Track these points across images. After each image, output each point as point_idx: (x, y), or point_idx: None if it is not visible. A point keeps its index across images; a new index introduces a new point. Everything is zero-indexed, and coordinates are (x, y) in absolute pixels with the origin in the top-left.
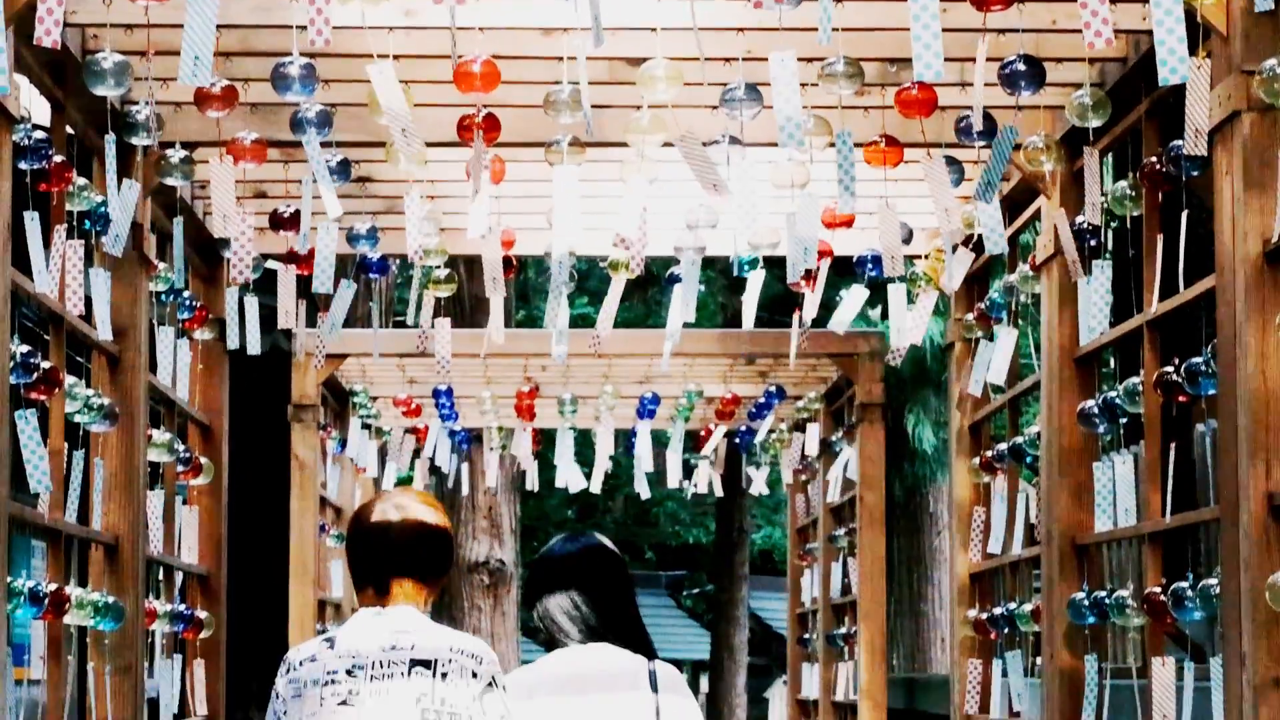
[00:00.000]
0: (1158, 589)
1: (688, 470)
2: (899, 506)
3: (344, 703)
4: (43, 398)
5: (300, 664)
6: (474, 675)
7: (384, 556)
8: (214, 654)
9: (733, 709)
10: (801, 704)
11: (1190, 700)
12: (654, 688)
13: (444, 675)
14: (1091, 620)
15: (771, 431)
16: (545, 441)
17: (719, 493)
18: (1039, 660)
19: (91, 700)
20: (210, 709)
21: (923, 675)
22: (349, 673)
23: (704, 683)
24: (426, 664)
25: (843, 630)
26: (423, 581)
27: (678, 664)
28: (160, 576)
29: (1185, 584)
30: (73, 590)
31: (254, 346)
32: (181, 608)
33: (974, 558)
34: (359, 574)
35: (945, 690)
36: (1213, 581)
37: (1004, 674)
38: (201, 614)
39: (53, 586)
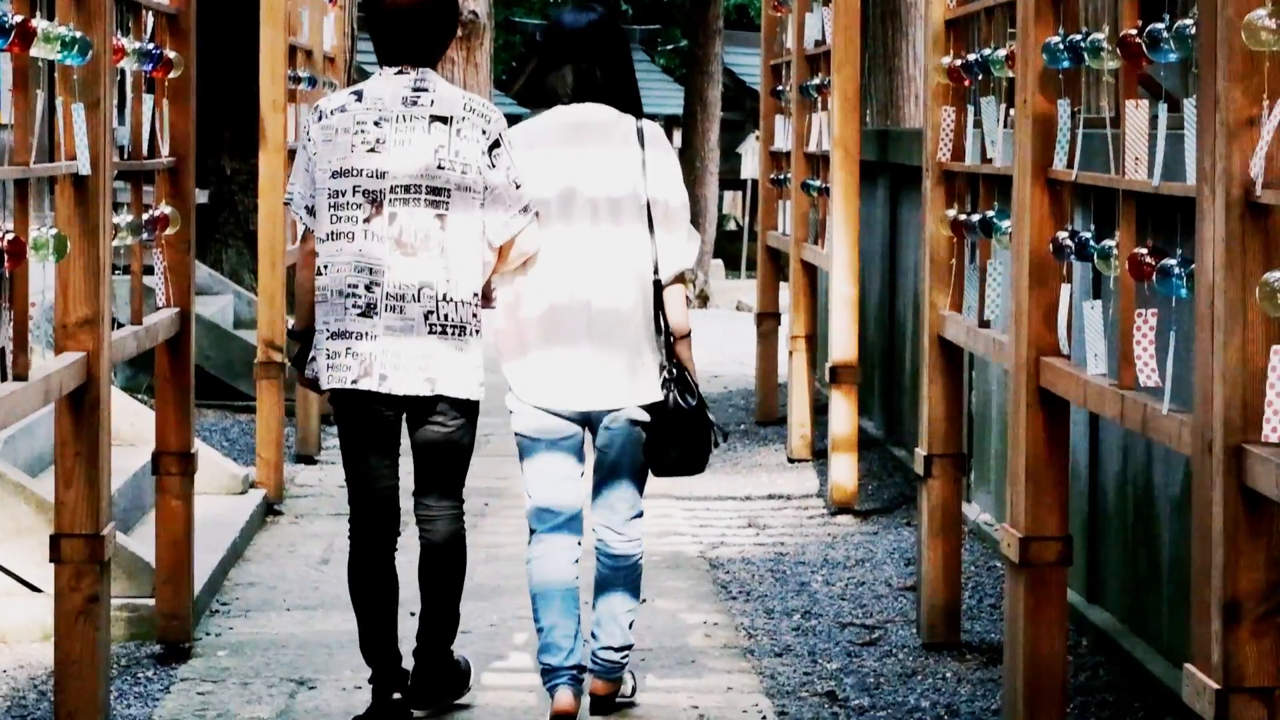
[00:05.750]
0: (1134, 30)
1: None
2: None
3: (372, 150)
4: None
5: (331, 113)
6: (484, 132)
7: (399, 29)
8: (183, 95)
9: (705, 163)
10: (774, 156)
11: (1162, 146)
12: (641, 143)
13: (458, 131)
14: (1066, 64)
15: None
16: None
17: None
18: (1012, 111)
19: (60, 137)
20: (179, 150)
21: (896, 128)
22: (376, 123)
23: (677, 138)
24: (444, 120)
25: (816, 81)
26: (434, 47)
27: (651, 120)
28: (130, 21)
29: (1161, 25)
30: (39, 23)
31: None
32: (150, 46)
33: (950, 2)
34: (379, 46)
35: (918, 142)
36: (1189, 22)
37: (977, 124)
38: (171, 54)
39: (19, 18)
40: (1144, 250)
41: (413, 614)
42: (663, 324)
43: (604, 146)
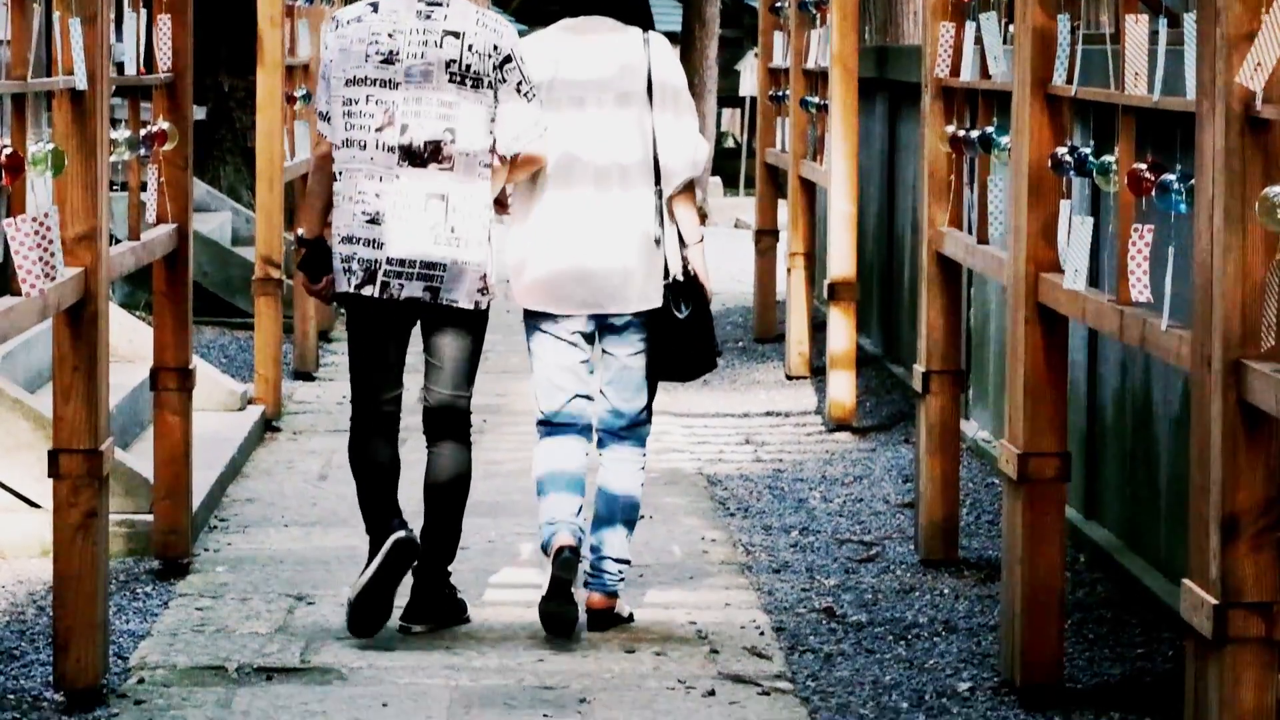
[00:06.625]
0: None
1: None
2: None
3: (385, 61)
4: None
5: (347, 23)
6: (495, 47)
7: None
8: (180, 10)
9: (704, 81)
10: (773, 73)
11: (1162, 61)
12: (649, 86)
13: (470, 46)
14: None
15: None
16: None
17: None
18: (1011, 27)
19: (58, 51)
20: (177, 66)
21: (894, 44)
22: (389, 35)
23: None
24: (456, 34)
25: None
26: None
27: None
28: None
29: None
30: None
31: None
32: None
33: None
34: None
35: (917, 58)
36: None
37: (977, 40)
38: None
39: None
40: (1143, 166)
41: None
42: (674, 232)
43: (608, 50)
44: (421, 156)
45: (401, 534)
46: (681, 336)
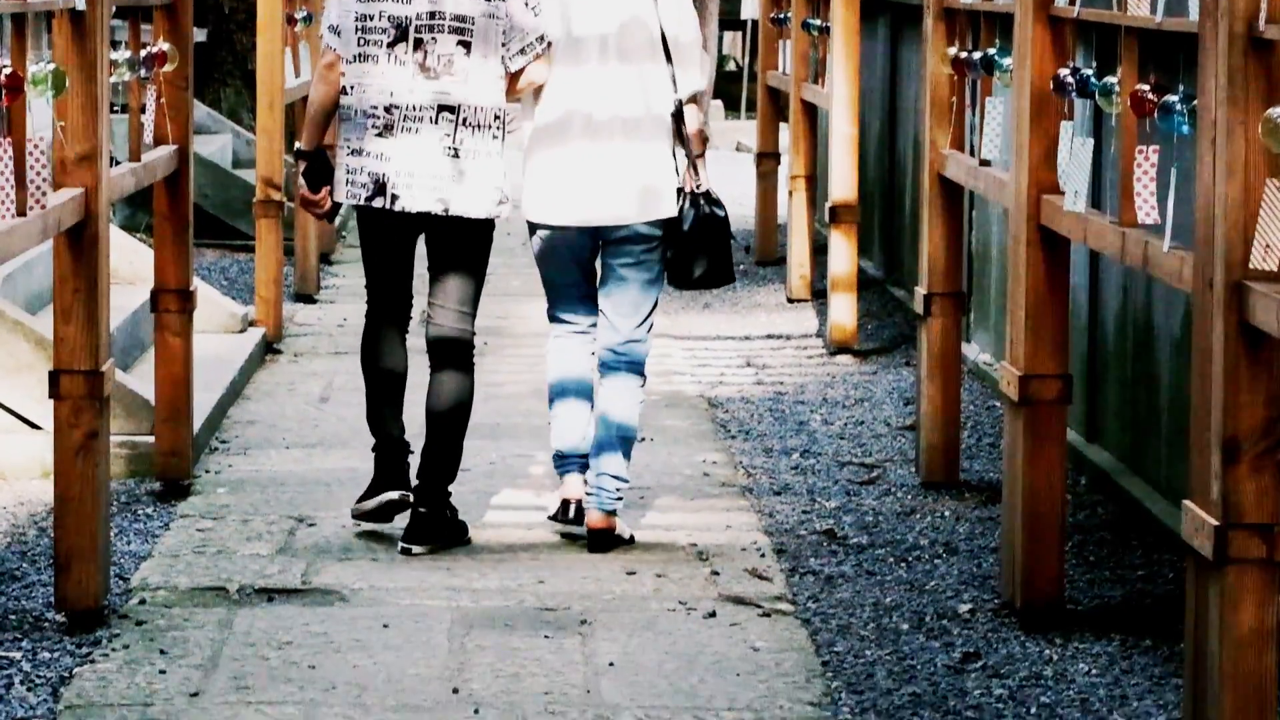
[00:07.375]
0: None
1: None
2: None
3: None
4: None
5: None
6: None
7: None
8: None
9: (706, 4)
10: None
11: None
12: None
13: None
14: None
15: None
16: None
17: None
18: None
19: None
20: None
21: None
22: None
23: None
24: None
25: None
26: None
27: None
28: None
29: None
30: None
31: None
32: None
33: None
34: None
35: None
36: None
37: None
38: None
39: None
40: (1146, 87)
41: (412, 452)
42: (678, 146)
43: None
44: (435, 71)
45: (393, 496)
46: (719, 239)
